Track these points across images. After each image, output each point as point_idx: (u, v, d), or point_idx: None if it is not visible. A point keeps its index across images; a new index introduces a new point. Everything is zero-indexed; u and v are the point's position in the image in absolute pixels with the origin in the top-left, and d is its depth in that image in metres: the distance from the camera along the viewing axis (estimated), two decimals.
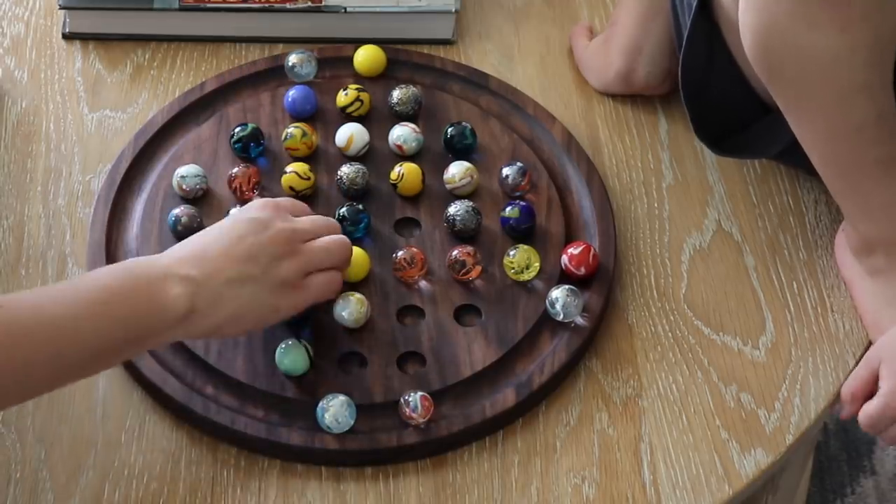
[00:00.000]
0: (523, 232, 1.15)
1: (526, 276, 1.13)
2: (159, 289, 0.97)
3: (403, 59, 1.29)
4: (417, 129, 1.21)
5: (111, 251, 1.14)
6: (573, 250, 1.13)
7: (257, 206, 1.05)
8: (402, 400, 1.05)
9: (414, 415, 1.04)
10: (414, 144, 1.20)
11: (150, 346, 1.01)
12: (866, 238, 1.11)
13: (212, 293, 0.98)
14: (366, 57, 1.26)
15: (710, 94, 1.15)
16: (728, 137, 1.19)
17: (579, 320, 1.11)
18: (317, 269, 1.04)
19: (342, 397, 1.04)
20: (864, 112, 0.99)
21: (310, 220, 1.07)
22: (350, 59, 1.27)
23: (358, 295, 1.10)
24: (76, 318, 0.93)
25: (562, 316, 1.10)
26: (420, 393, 1.05)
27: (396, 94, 1.23)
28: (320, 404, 1.04)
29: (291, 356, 1.06)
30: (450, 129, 1.20)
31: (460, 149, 1.21)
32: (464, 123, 1.21)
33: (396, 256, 1.12)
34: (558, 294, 1.10)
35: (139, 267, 0.99)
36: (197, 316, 0.98)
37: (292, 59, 1.25)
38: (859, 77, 0.98)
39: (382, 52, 1.27)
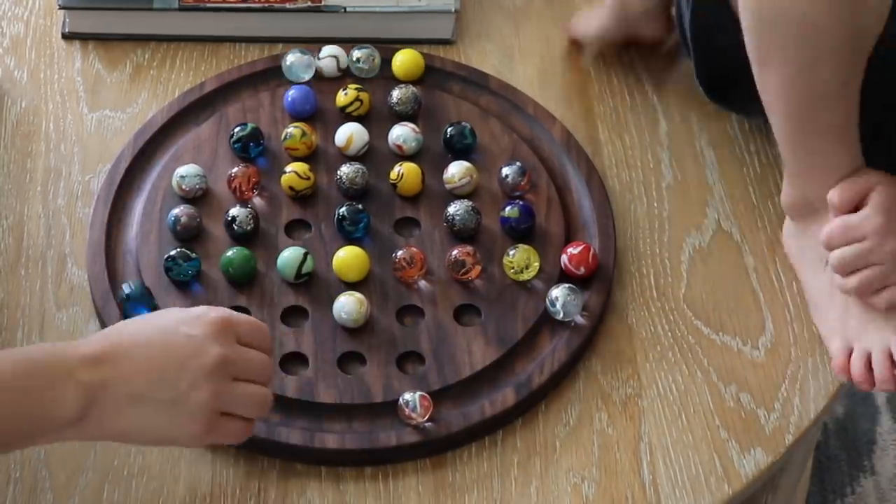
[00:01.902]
0: (523, 232, 1.15)
1: (526, 276, 1.13)
2: (54, 391, 0.89)
3: None
4: (417, 129, 1.21)
5: (111, 251, 1.14)
6: (573, 250, 1.13)
7: (206, 321, 0.94)
8: (401, 400, 1.05)
9: (413, 415, 1.04)
10: (413, 144, 1.20)
11: (39, 443, 0.94)
12: (804, 197, 1.12)
13: (110, 404, 0.91)
14: (403, 61, 1.26)
15: (716, 40, 1.16)
16: (725, 89, 1.21)
17: (579, 319, 1.11)
18: (229, 412, 0.95)
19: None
20: (832, 78, 1.04)
21: (247, 360, 0.96)
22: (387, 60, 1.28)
23: (358, 295, 1.10)
24: None
25: (562, 315, 1.10)
26: (419, 393, 1.05)
27: (396, 94, 1.23)
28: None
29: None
30: (449, 129, 1.20)
31: (460, 149, 1.21)
32: (463, 123, 1.21)
33: (396, 256, 1.12)
34: (558, 293, 1.10)
35: (43, 361, 0.91)
36: (88, 423, 0.91)
37: (290, 58, 1.25)
38: (835, 43, 1.02)
39: (420, 56, 1.27)
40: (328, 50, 1.26)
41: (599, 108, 1.29)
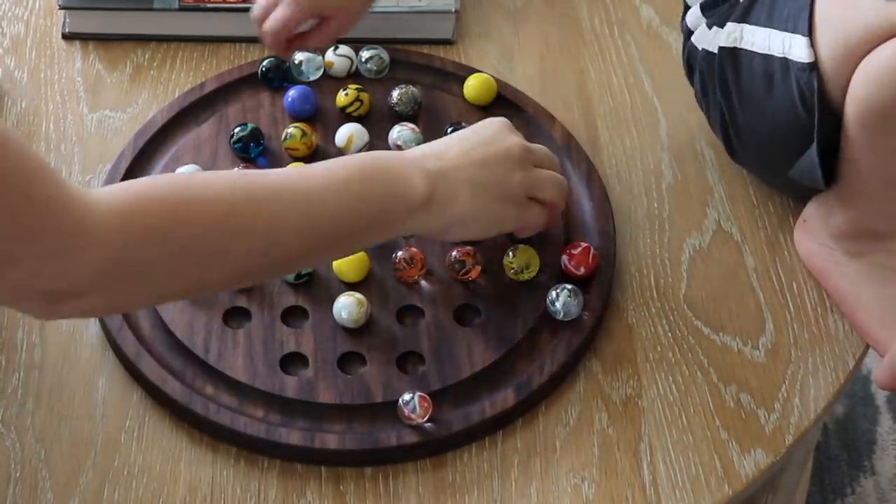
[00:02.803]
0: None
1: (526, 276, 1.13)
2: (403, 174, 1.01)
3: (403, 59, 1.29)
4: (417, 129, 1.20)
5: None
6: (573, 250, 1.13)
7: (494, 121, 1.08)
8: (400, 401, 1.05)
9: (413, 415, 1.04)
10: (413, 144, 1.20)
11: (391, 232, 1.04)
12: (868, 228, 1.13)
13: (450, 188, 1.02)
14: (474, 86, 1.25)
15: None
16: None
17: (579, 319, 1.11)
18: (537, 197, 1.08)
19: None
20: None
21: (539, 147, 1.10)
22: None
23: (358, 295, 1.10)
24: (323, 190, 0.97)
25: (562, 315, 1.10)
26: (419, 393, 1.05)
27: (396, 94, 1.23)
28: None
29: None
30: (449, 129, 1.20)
31: None
32: (463, 123, 1.21)
33: (396, 256, 1.12)
34: (558, 293, 1.10)
35: (385, 155, 1.04)
36: (434, 206, 1.02)
37: (300, 56, 1.25)
38: None
39: (493, 82, 1.26)
40: (342, 50, 1.26)
41: (599, 108, 1.29)
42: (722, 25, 1.16)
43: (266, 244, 0.95)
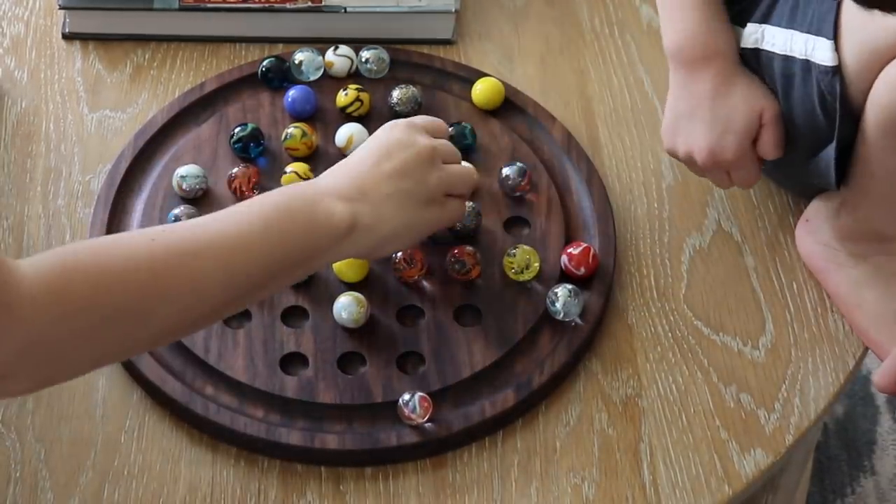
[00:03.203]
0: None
1: (526, 276, 1.13)
2: (322, 206, 1.00)
3: (403, 59, 1.29)
4: None
5: None
6: (573, 250, 1.13)
7: (397, 126, 1.07)
8: (400, 401, 1.05)
9: (413, 416, 1.04)
10: None
11: (318, 264, 1.03)
12: (873, 230, 1.14)
13: (372, 209, 1.02)
14: (483, 91, 1.25)
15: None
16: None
17: (579, 320, 1.11)
18: (453, 193, 1.08)
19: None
20: None
21: (441, 142, 1.10)
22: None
23: (357, 295, 1.10)
24: (244, 234, 0.96)
25: (562, 315, 1.10)
26: (419, 394, 1.05)
27: (396, 94, 1.23)
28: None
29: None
30: (449, 129, 1.20)
31: (460, 149, 1.20)
32: (464, 123, 1.21)
33: (396, 256, 1.12)
34: (558, 293, 1.10)
35: (298, 189, 1.02)
36: (360, 232, 1.01)
37: (300, 56, 1.25)
38: None
39: (501, 86, 1.25)
40: (343, 50, 1.26)
41: (599, 108, 1.29)
42: (742, 25, 1.15)
43: (191, 301, 0.93)
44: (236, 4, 1.31)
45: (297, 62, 1.25)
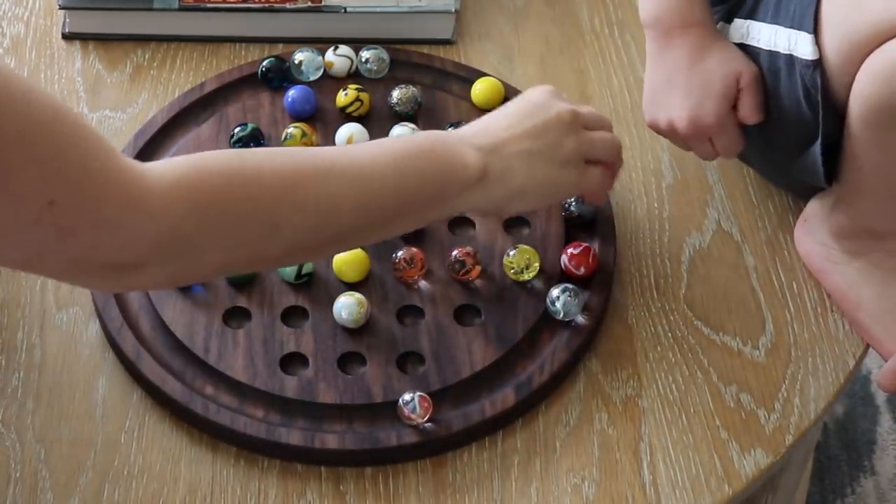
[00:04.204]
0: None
1: (526, 276, 1.13)
2: (456, 151, 1.01)
3: (403, 59, 1.29)
4: (417, 129, 1.20)
5: None
6: (573, 250, 1.13)
7: (538, 90, 1.08)
8: (400, 401, 1.05)
9: (413, 416, 1.04)
10: None
11: (448, 210, 1.03)
12: (867, 228, 1.14)
13: (503, 163, 1.02)
14: (482, 91, 1.25)
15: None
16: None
17: (579, 319, 1.11)
18: (594, 159, 1.08)
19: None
20: None
21: (587, 109, 1.10)
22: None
23: (357, 295, 1.10)
24: (379, 164, 0.98)
25: (562, 315, 1.10)
26: (419, 393, 1.05)
27: (396, 94, 1.23)
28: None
29: None
30: (449, 129, 1.20)
31: None
32: (463, 123, 1.21)
33: (396, 256, 1.12)
34: (558, 293, 1.10)
35: (434, 133, 1.04)
36: (490, 182, 1.02)
37: (299, 56, 1.25)
38: None
39: (501, 85, 1.26)
40: (342, 50, 1.26)
41: (599, 108, 1.28)
42: (729, 21, 1.16)
43: (321, 219, 0.95)
44: (236, 4, 1.31)
45: (296, 62, 1.25)
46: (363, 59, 1.26)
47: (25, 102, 0.81)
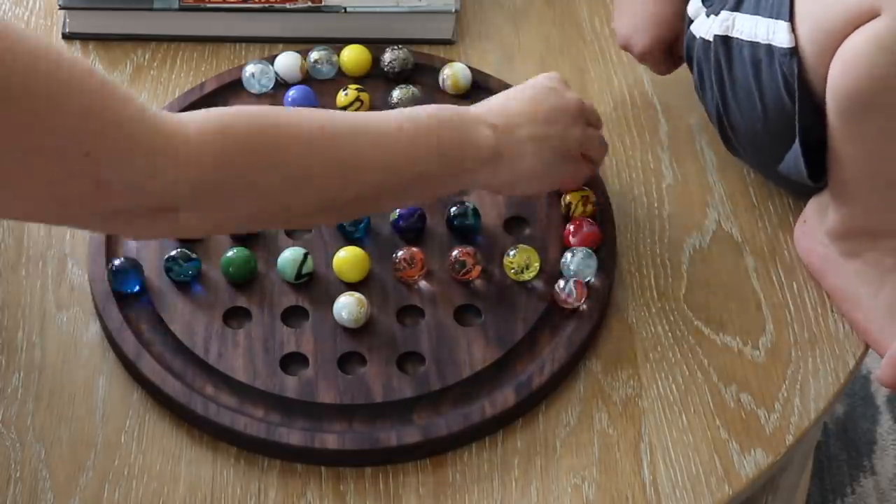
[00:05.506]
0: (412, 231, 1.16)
1: (526, 276, 1.13)
2: (471, 126, 1.04)
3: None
4: None
5: (111, 251, 1.14)
6: (570, 226, 1.15)
7: (550, 77, 1.11)
8: (556, 287, 1.09)
9: (570, 299, 1.09)
10: None
11: (462, 181, 1.06)
12: (860, 227, 1.13)
13: (515, 144, 1.05)
14: (351, 57, 1.26)
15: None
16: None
17: (591, 279, 1.12)
18: (587, 154, 1.12)
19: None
20: None
21: (589, 103, 1.13)
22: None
23: (357, 295, 1.10)
24: (405, 132, 1.01)
25: (573, 274, 1.11)
26: (574, 279, 1.09)
27: (396, 95, 1.23)
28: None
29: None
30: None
31: None
32: None
33: (396, 257, 1.12)
34: (571, 255, 1.12)
35: (455, 112, 1.05)
36: (502, 161, 1.04)
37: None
38: None
39: (368, 52, 1.27)
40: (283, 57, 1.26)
41: (599, 108, 1.28)
42: (719, 14, 1.16)
43: (346, 178, 0.99)
44: (236, 4, 1.31)
45: (313, 60, 1.25)
46: (312, 61, 1.26)
47: (53, 62, 0.84)
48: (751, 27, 1.12)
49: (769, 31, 1.10)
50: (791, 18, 1.08)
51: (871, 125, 1.05)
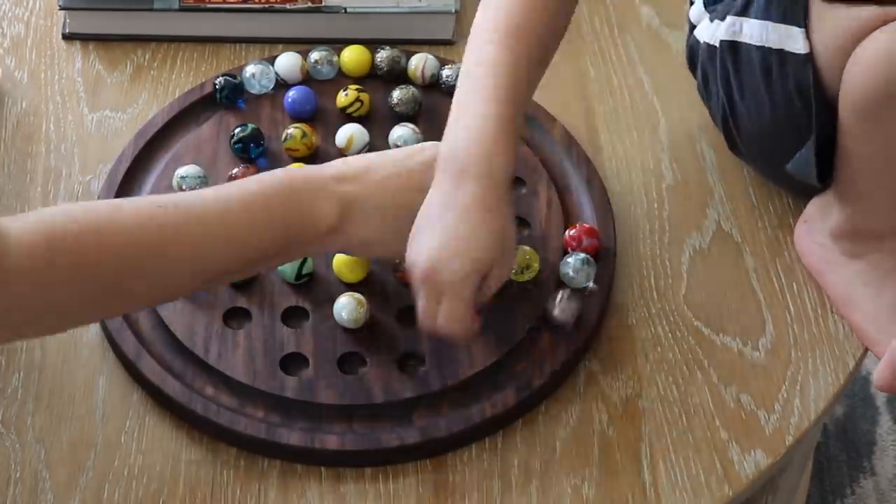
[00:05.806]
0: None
1: (525, 277, 1.13)
2: (317, 200, 1.02)
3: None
4: (417, 130, 1.20)
5: None
6: (571, 232, 1.14)
7: (425, 148, 1.07)
8: (547, 304, 1.10)
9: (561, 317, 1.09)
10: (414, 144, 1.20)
11: (309, 252, 1.06)
12: (866, 227, 1.14)
13: (359, 215, 1.03)
14: (351, 58, 1.26)
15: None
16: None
17: (591, 286, 1.11)
18: None
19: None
20: None
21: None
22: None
23: (357, 295, 1.10)
24: (232, 214, 0.98)
25: (572, 277, 1.11)
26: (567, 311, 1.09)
27: (396, 95, 1.23)
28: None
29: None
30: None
31: None
32: None
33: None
34: (572, 260, 1.11)
35: (303, 179, 1.03)
36: (342, 233, 1.03)
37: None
38: None
39: (368, 52, 1.27)
40: (283, 58, 1.26)
41: (599, 108, 1.29)
42: (723, 19, 1.16)
43: (186, 272, 0.98)
44: (236, 4, 1.31)
45: (248, 74, 1.25)
46: (312, 61, 1.26)
47: None
48: (761, 32, 1.12)
49: (781, 37, 1.10)
50: (805, 24, 1.08)
51: (886, 124, 1.05)
